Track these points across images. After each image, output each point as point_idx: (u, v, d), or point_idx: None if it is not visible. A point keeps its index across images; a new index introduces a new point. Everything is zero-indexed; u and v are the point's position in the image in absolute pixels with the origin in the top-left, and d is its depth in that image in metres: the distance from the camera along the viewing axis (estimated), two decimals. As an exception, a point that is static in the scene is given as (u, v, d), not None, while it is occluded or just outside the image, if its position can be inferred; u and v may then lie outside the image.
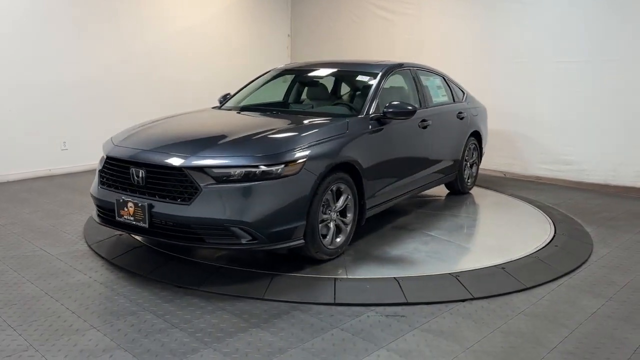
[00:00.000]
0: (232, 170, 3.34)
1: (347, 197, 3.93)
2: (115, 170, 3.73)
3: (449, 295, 3.39)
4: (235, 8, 9.05)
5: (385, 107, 4.30)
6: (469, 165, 6.06)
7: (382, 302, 3.28)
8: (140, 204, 3.45)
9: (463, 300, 3.34)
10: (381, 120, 4.33)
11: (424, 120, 4.91)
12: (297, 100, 5.38)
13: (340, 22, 9.18)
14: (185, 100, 7.67)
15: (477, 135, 6.12)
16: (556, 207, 5.61)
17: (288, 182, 3.42)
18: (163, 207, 3.40)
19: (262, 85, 5.39)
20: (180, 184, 3.39)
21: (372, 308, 3.22)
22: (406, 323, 3.03)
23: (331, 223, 3.86)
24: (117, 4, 7.46)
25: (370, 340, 2.83)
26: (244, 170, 3.34)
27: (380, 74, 4.68)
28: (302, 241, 3.57)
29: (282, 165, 3.40)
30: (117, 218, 3.62)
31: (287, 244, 3.51)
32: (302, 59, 9.55)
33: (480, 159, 6.37)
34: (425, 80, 5.36)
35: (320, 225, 3.70)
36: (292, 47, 10.03)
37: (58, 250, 4.15)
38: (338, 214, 3.91)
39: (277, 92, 5.54)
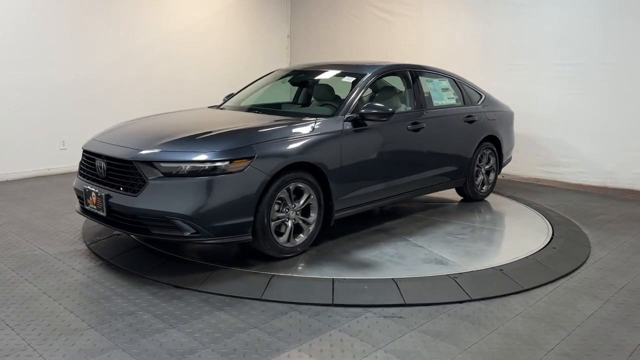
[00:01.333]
0: (178, 165, 3.47)
1: (309, 196, 3.95)
2: (88, 162, 4.01)
3: (446, 296, 3.39)
4: (234, 8, 9.06)
5: (363, 108, 4.28)
6: (483, 171, 5.77)
7: (380, 304, 3.28)
8: (100, 194, 3.70)
9: (461, 302, 3.34)
10: (359, 121, 4.30)
11: (415, 123, 4.79)
12: (295, 101, 5.44)
13: (339, 23, 9.19)
14: (184, 100, 7.68)
15: (494, 140, 5.83)
16: (554, 209, 5.62)
17: (233, 178, 3.49)
18: (117, 198, 3.61)
19: (264, 86, 5.44)
20: (131, 176, 3.58)
21: (370, 309, 3.22)
22: (404, 324, 3.04)
23: (289, 221, 3.89)
24: (114, 3, 7.47)
25: (368, 342, 2.84)
26: (189, 165, 3.46)
27: (367, 75, 4.66)
28: (250, 237, 3.64)
29: (227, 162, 3.48)
30: (84, 206, 3.92)
31: (233, 239, 3.60)
32: (301, 60, 9.56)
33: (500, 165, 6.05)
34: (427, 82, 5.27)
35: (274, 223, 3.77)
36: (292, 47, 10.04)
37: (56, 250, 4.15)
38: (299, 213, 3.94)
39: (278, 93, 5.56)
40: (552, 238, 4.56)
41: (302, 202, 3.92)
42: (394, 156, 4.66)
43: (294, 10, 9.94)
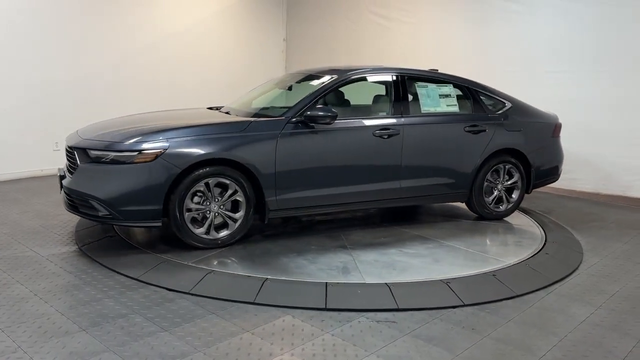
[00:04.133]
0: (102, 153, 3.92)
1: (235, 193, 4.10)
2: None
3: (439, 301, 3.40)
4: (231, 11, 9.06)
5: (309, 111, 4.30)
6: (500, 187, 5.22)
7: (373, 308, 3.28)
8: (58, 175, 4.32)
9: (454, 307, 3.35)
10: (308, 124, 4.29)
11: (385, 129, 4.60)
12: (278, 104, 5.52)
13: (336, 28, 9.21)
14: (179, 102, 7.65)
15: (517, 154, 5.26)
16: (547, 215, 5.65)
17: (141, 168, 3.82)
18: (66, 179, 4.16)
19: (272, 89, 5.49)
20: (72, 160, 4.10)
21: (363, 313, 3.22)
22: (397, 329, 3.04)
23: (210, 214, 4.07)
24: (111, 4, 7.45)
25: (360, 346, 2.83)
26: (113, 154, 3.87)
27: (330, 79, 4.64)
28: (159, 223, 3.92)
29: (136, 153, 3.82)
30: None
31: (142, 224, 3.95)
32: (297, 63, 9.57)
33: (529, 183, 5.37)
34: (420, 88, 4.96)
35: (191, 214, 4.01)
36: (288, 50, 10.05)
37: (48, 251, 4.13)
38: (224, 207, 4.12)
39: (280, 96, 5.59)
40: (544, 244, 4.58)
41: (225, 197, 4.10)
42: (350, 162, 4.51)
43: (290, 14, 9.95)
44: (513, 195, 5.34)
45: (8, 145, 6.66)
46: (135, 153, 3.82)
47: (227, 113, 4.89)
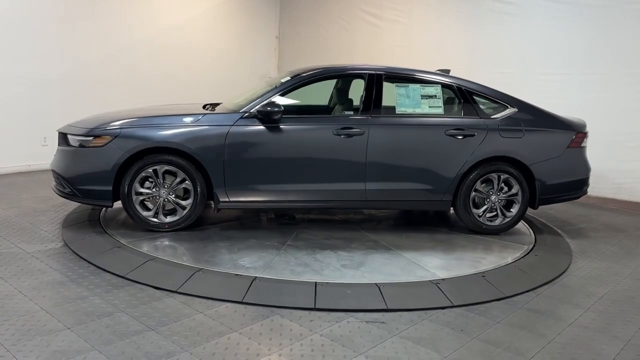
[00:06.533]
0: (72, 137, 4.36)
1: (183, 181, 4.36)
2: None
3: (429, 302, 3.39)
4: (224, 8, 9.01)
5: (263, 106, 4.36)
6: (494, 199, 4.73)
7: (362, 308, 3.26)
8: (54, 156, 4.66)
9: (443, 308, 3.34)
10: (263, 119, 4.36)
11: (347, 128, 4.45)
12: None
13: (328, 27, 9.19)
14: (169, 99, 7.60)
15: (517, 164, 4.72)
16: (537, 217, 5.66)
17: (94, 152, 4.24)
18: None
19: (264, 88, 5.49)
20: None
21: (352, 314, 3.20)
22: (386, 330, 3.03)
23: (160, 199, 4.37)
24: (104, 1, 7.39)
25: (349, 347, 2.82)
26: (78, 138, 4.31)
27: (297, 77, 4.64)
28: (110, 204, 4.32)
29: (91, 138, 4.25)
30: None
31: (96, 203, 4.39)
32: (289, 61, 9.57)
33: (535, 197, 4.78)
34: (399, 88, 4.67)
35: (138, 197, 4.33)
36: (280, 49, 10.02)
37: (34, 248, 4.07)
38: (173, 194, 4.39)
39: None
40: (534, 245, 4.59)
41: (173, 184, 4.36)
42: (305, 159, 4.45)
43: (283, 12, 9.91)
44: (512, 210, 4.78)
45: (-5, 140, 6.59)
46: (91, 138, 4.24)
47: (209, 110, 4.89)
